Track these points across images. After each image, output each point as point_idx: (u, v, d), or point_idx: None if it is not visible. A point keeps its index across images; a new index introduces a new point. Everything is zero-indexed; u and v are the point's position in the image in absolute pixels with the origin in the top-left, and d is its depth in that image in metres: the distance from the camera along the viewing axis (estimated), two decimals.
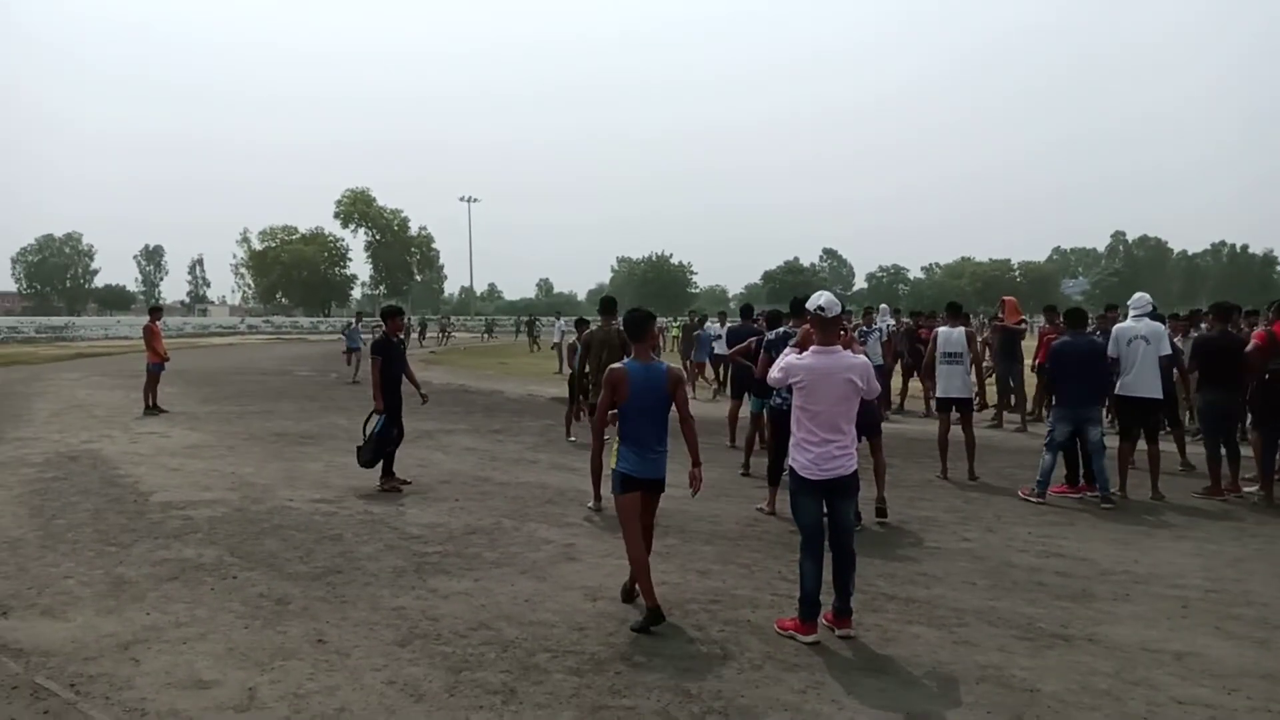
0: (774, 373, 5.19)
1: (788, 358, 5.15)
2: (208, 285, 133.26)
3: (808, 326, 5.31)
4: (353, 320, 26.05)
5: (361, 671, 4.35)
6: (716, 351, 17.53)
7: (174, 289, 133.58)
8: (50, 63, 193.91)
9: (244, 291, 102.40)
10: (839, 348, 5.00)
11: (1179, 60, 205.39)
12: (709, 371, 19.84)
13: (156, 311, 16.85)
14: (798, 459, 4.94)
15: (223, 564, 6.16)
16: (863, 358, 5.14)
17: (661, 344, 13.45)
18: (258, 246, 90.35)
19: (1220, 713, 4.01)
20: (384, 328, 9.28)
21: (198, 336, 52.26)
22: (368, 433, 8.78)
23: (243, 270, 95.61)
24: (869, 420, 7.39)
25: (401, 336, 10.02)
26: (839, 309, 5.04)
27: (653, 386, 5.14)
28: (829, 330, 4.99)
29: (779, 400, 7.85)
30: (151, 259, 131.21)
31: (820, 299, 5.01)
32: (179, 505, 7.91)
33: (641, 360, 5.21)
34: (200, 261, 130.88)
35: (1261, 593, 5.75)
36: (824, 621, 4.93)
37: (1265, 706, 4.08)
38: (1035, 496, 8.44)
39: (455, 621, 5.03)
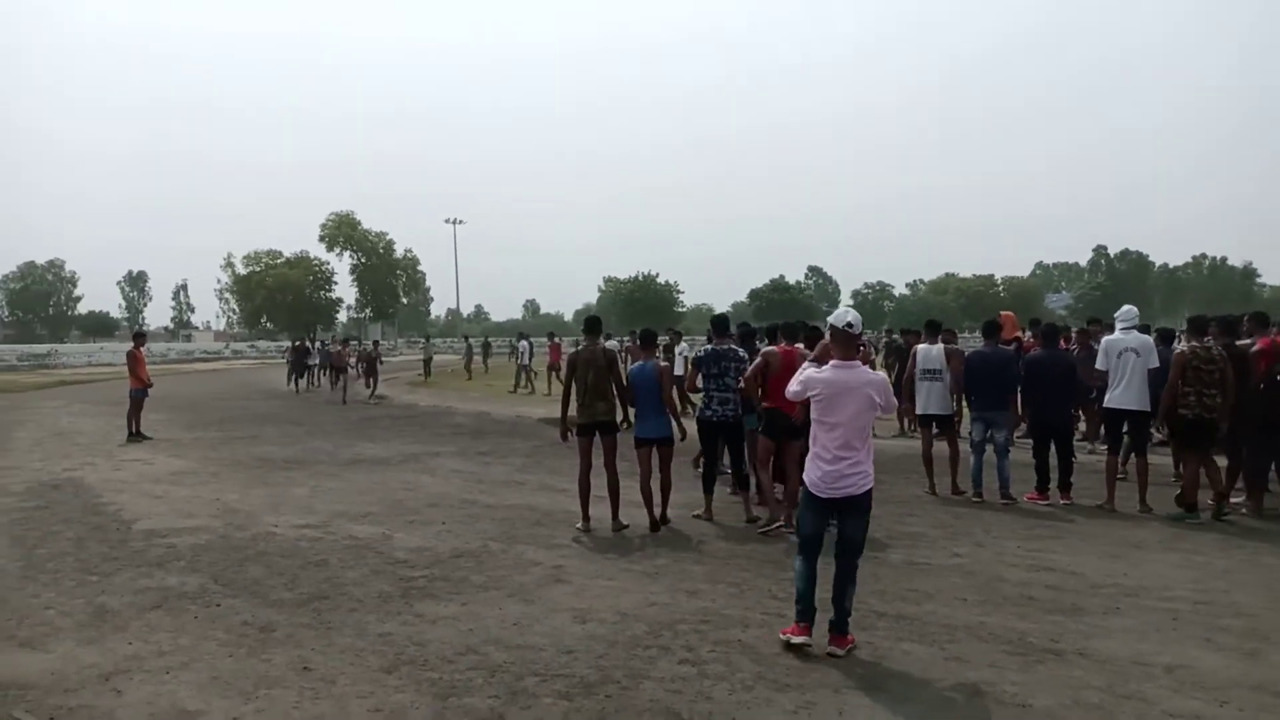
0: (793, 385, 5.25)
1: (806, 371, 5.24)
2: (192, 310, 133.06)
3: (825, 341, 5.39)
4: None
5: (347, 699, 4.29)
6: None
7: (158, 315, 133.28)
8: (32, 81, 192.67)
9: (229, 316, 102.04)
10: (858, 362, 5.07)
11: (1157, 76, 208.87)
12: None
13: (140, 337, 16.83)
14: (810, 474, 5.04)
15: (206, 592, 6.08)
16: (881, 374, 5.26)
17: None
18: (242, 271, 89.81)
19: None
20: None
21: (182, 362, 51.90)
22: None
23: (227, 295, 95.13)
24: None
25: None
26: (861, 326, 5.15)
27: (646, 377, 7.86)
28: (848, 346, 5.06)
29: (709, 413, 8.30)
30: (135, 285, 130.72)
31: (847, 315, 5.12)
32: (162, 533, 7.82)
33: (644, 359, 8.05)
34: (184, 287, 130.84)
35: (1249, 604, 5.75)
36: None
37: (1255, 718, 4.07)
38: (974, 497, 9.12)
39: (442, 646, 4.97)
